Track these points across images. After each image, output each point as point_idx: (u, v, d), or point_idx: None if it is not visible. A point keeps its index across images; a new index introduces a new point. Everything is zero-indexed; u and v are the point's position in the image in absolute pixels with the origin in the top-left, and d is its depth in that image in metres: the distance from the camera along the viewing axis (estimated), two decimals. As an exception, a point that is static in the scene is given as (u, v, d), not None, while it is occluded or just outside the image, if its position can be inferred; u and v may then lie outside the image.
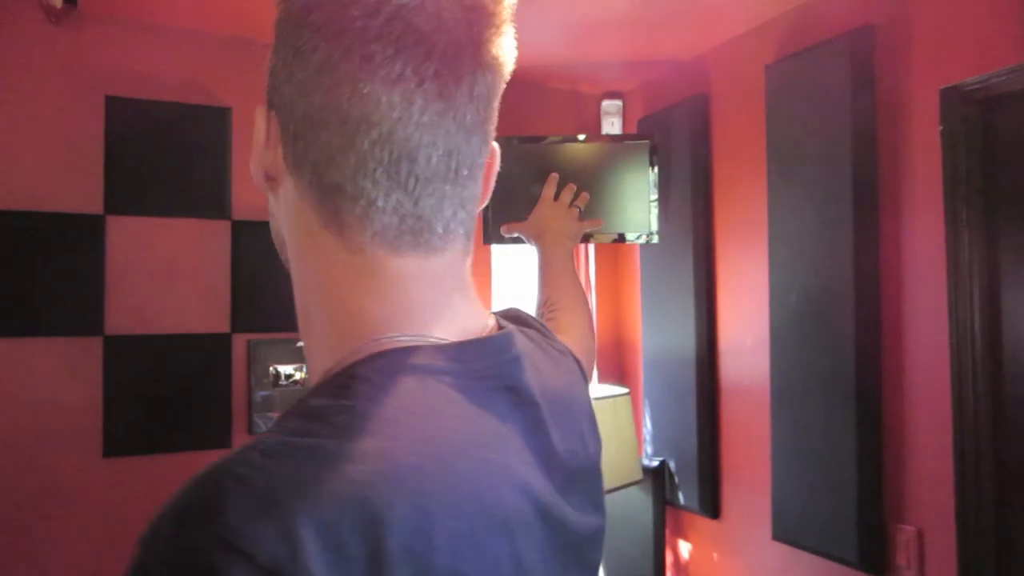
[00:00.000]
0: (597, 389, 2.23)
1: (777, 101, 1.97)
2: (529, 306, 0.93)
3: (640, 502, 2.31)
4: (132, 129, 2.07)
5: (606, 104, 2.63)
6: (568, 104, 2.68)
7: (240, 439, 2.13)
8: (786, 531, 1.91)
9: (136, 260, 2.05)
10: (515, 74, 0.58)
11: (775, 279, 1.96)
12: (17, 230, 1.93)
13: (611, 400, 2.04)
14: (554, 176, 1.47)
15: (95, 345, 2.00)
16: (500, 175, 0.64)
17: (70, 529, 1.94)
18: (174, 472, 2.04)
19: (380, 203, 0.49)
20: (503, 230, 1.42)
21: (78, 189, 2.00)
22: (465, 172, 0.51)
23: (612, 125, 2.63)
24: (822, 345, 1.80)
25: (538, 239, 1.28)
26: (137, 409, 2.03)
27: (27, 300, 1.94)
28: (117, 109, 2.05)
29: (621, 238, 2.35)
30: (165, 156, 2.10)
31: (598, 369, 2.64)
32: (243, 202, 2.18)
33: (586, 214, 1.66)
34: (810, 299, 1.85)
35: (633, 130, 2.60)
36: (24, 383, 1.92)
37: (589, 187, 2.36)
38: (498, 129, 0.58)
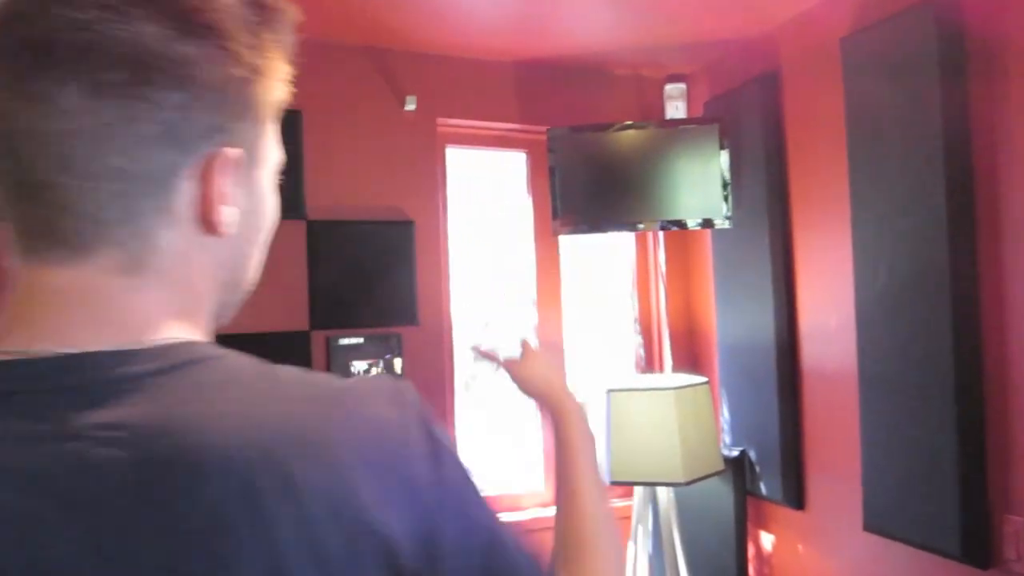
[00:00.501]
0: (673, 378, 2.19)
1: (855, 75, 1.89)
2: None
3: (721, 493, 2.27)
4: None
5: (669, 88, 2.57)
6: (629, 90, 2.63)
7: (320, 434, 2.17)
8: (879, 522, 1.84)
9: (216, 262, 2.12)
10: (574, 61, 0.56)
11: (860, 260, 1.89)
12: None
13: (690, 389, 2.00)
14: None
15: (181, 346, 2.07)
16: (563, 167, 0.62)
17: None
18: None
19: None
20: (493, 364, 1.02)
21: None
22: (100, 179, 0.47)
23: (676, 109, 2.58)
24: (915, 328, 1.72)
25: (552, 407, 0.91)
26: (222, 407, 2.09)
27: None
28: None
29: (691, 225, 2.30)
30: (240, 160, 2.15)
31: (672, 358, 2.60)
32: (317, 203, 2.22)
33: (652, 204, 1.61)
34: (900, 280, 1.77)
35: (698, 113, 2.54)
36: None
37: (654, 174, 2.33)
38: (558, 118, 0.57)
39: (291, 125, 2.20)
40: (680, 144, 2.30)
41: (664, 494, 2.09)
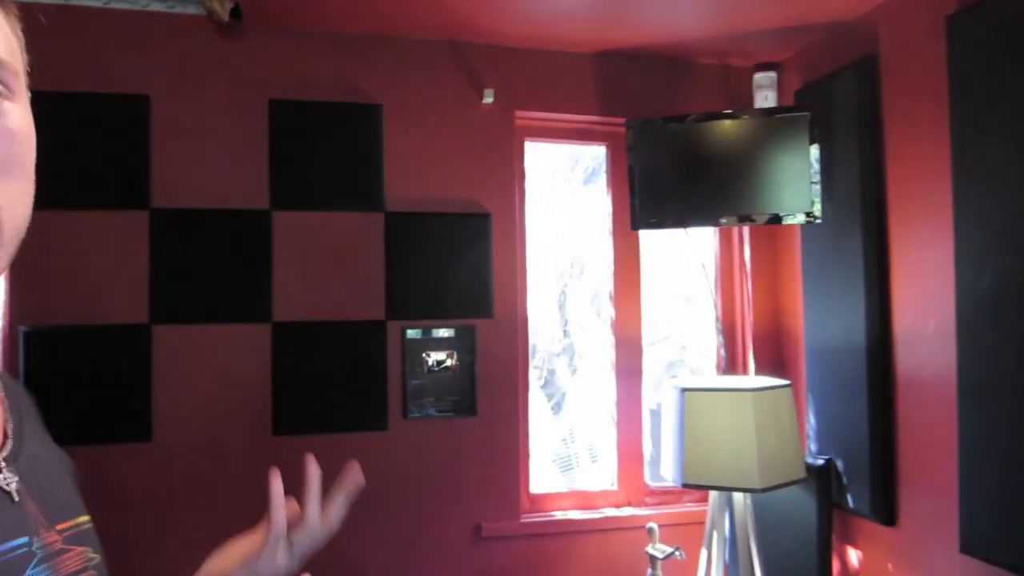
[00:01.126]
0: (755, 380, 2.09)
1: (962, 57, 1.74)
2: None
3: (803, 502, 2.15)
4: (293, 129, 2.20)
5: (759, 77, 2.46)
6: (717, 79, 2.53)
7: (396, 423, 2.21)
8: (977, 543, 1.69)
9: (299, 251, 2.19)
10: (656, 51, 0.53)
11: (962, 260, 1.74)
12: (195, 226, 2.12)
13: (770, 392, 1.90)
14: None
15: (264, 332, 2.16)
16: (643, 159, 0.58)
17: (239, 500, 2.11)
18: (337, 451, 2.16)
19: None
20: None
21: (247, 187, 2.17)
22: None
23: (766, 99, 2.46)
24: (1022, 334, 1.57)
25: None
26: (304, 391, 2.17)
27: (204, 290, 2.12)
28: (279, 111, 2.19)
29: (778, 219, 2.19)
30: (323, 153, 2.22)
31: (754, 360, 2.48)
32: (396, 194, 2.26)
33: (737, 197, 1.54)
34: (1007, 282, 1.61)
35: (789, 103, 2.41)
36: (207, 364, 2.11)
37: (741, 167, 2.23)
38: (640, 110, 0.53)
39: (371, 118, 2.25)
40: (769, 135, 2.19)
41: (741, 500, 2.00)
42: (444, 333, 2.28)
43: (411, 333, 2.26)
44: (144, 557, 2.04)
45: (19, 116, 0.56)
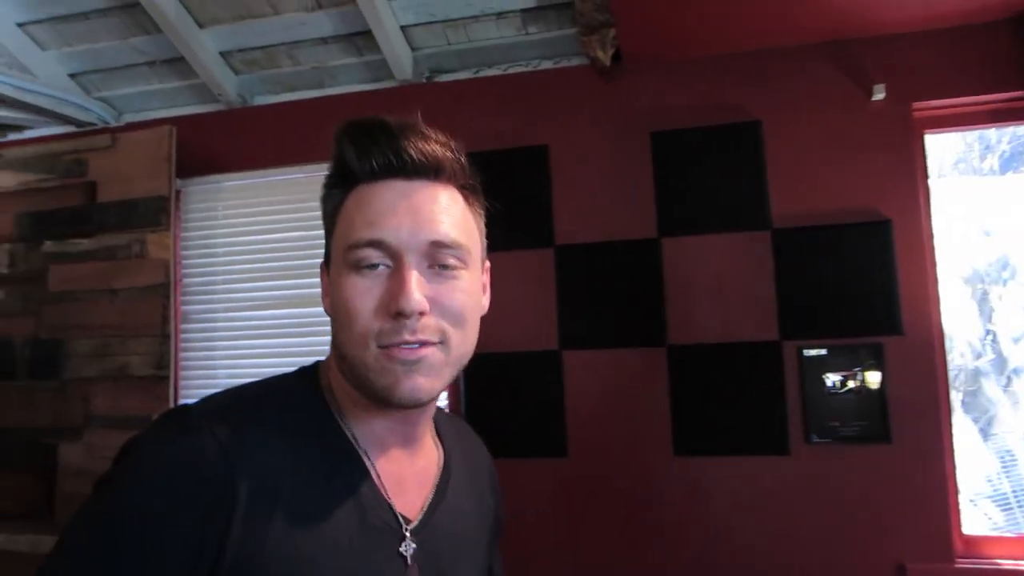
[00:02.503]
0: None
1: None
2: None
3: None
4: (675, 158, 2.27)
5: None
6: None
7: (798, 447, 2.12)
8: None
9: (688, 275, 2.24)
10: None
11: None
12: (593, 259, 2.29)
13: None
14: None
15: (660, 355, 2.24)
16: None
17: (648, 518, 2.20)
18: (737, 474, 2.15)
19: None
20: None
21: (635, 218, 2.28)
22: None
23: None
24: None
25: None
26: (700, 412, 2.20)
27: (604, 318, 2.28)
28: (661, 142, 2.28)
29: None
30: (705, 177, 2.25)
31: None
32: (782, 210, 2.19)
33: None
34: None
35: None
36: (610, 387, 2.26)
37: None
38: None
39: (751, 135, 2.22)
40: None
41: None
42: (845, 353, 2.13)
43: (808, 353, 2.15)
44: (554, 558, 2.24)
45: (467, 281, 0.77)
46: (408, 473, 0.81)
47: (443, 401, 2.37)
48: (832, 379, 2.14)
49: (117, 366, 2.36)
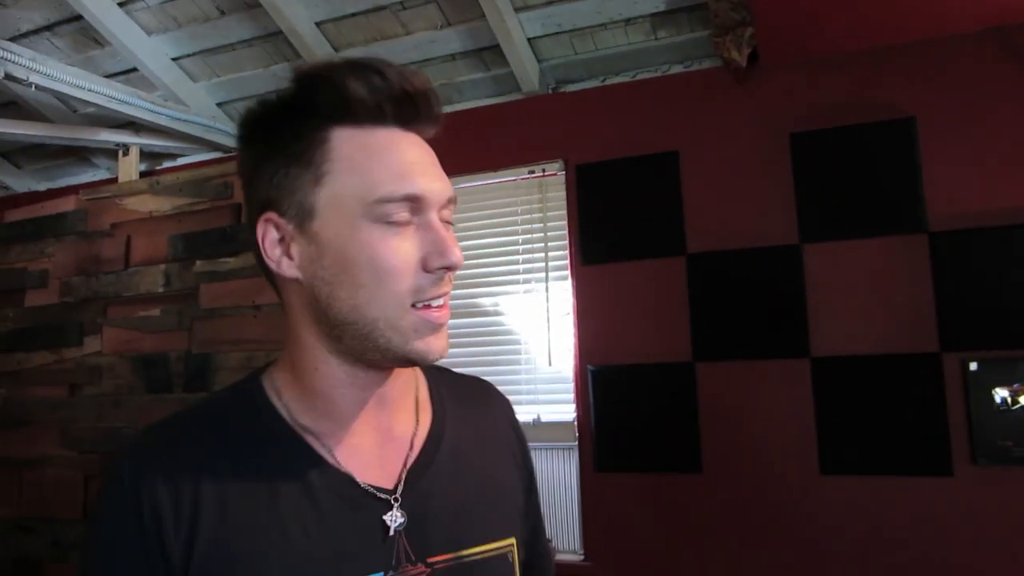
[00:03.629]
0: None
1: None
2: None
3: None
4: (817, 159, 2.16)
5: None
6: None
7: (963, 468, 1.96)
8: None
9: (834, 283, 2.12)
10: None
11: None
12: (729, 268, 2.21)
13: None
14: None
15: (803, 367, 2.12)
16: None
17: (790, 540, 2.09)
18: (891, 496, 2.00)
19: None
20: None
21: (774, 224, 2.18)
22: None
23: None
24: None
25: None
26: (849, 429, 2.07)
27: (741, 328, 2.19)
28: (801, 144, 2.17)
29: None
30: (851, 179, 2.12)
31: None
32: (942, 211, 2.03)
33: None
34: None
35: None
36: (748, 400, 2.17)
37: None
38: None
39: (902, 133, 2.07)
40: None
41: None
42: (1017, 365, 1.94)
43: (973, 366, 1.98)
44: (692, 569, 2.16)
45: None
46: (384, 440, 0.75)
47: (571, 412, 2.35)
48: (1001, 394, 1.96)
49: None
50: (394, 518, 0.71)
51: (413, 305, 0.68)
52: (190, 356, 2.60)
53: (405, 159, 0.69)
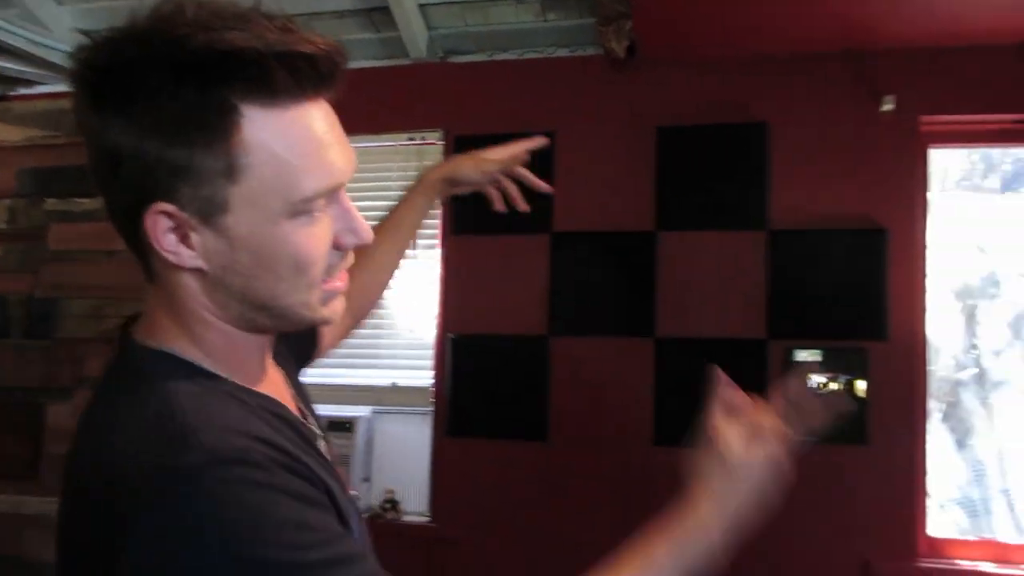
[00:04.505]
0: None
1: None
2: None
3: None
4: (679, 154, 2.30)
5: None
6: None
7: (777, 444, 2.17)
8: None
9: (682, 270, 2.28)
10: None
11: None
12: (589, 247, 2.33)
13: None
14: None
15: (648, 346, 2.28)
16: None
17: (626, 506, 2.25)
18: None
19: None
20: None
21: (635, 209, 2.31)
22: None
23: None
24: None
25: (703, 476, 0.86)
26: (683, 404, 2.24)
27: (595, 305, 2.32)
28: (667, 138, 2.30)
29: None
30: (707, 175, 2.28)
31: None
32: (781, 212, 2.22)
33: None
34: None
35: None
36: (596, 375, 2.30)
37: None
38: None
39: (756, 138, 2.25)
40: None
41: None
42: (830, 355, 2.18)
43: (794, 352, 2.20)
44: (533, 532, 2.30)
45: None
46: (280, 386, 0.77)
47: (429, 379, 2.41)
48: (816, 380, 2.19)
49: (111, 328, 2.39)
50: (322, 447, 0.75)
51: (324, 281, 0.67)
52: (33, 300, 2.46)
53: (323, 140, 0.63)
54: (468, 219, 2.39)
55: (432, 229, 2.44)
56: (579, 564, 0.77)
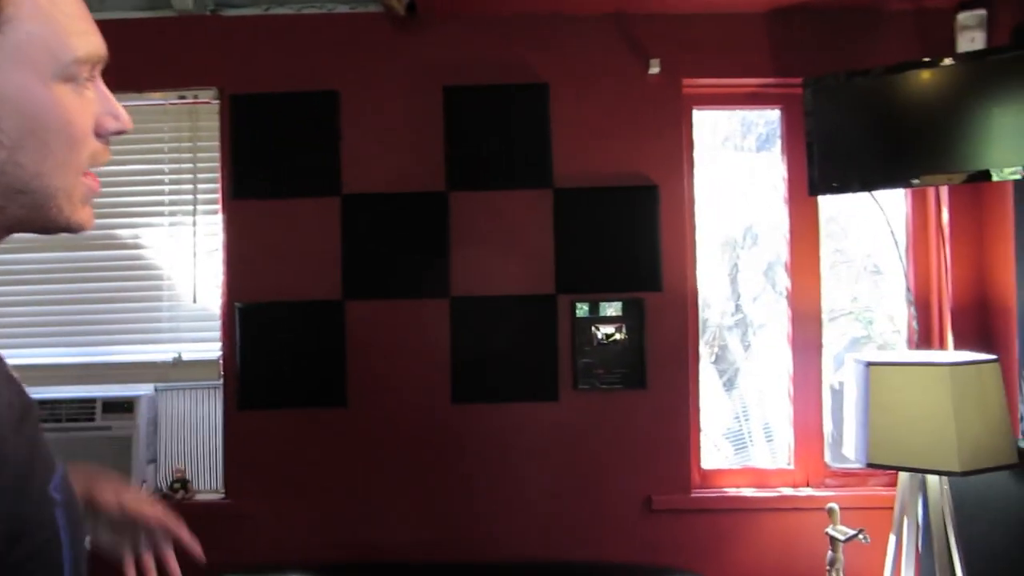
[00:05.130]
0: (954, 355, 1.91)
1: None
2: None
3: (1015, 491, 1.94)
4: (466, 113, 2.31)
5: (963, 17, 2.20)
6: (908, 25, 2.30)
7: (566, 394, 2.28)
8: None
9: (474, 230, 2.30)
10: (836, 1, 0.51)
11: None
12: (381, 209, 2.30)
13: (974, 367, 1.73)
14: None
15: (444, 307, 2.30)
16: (823, 119, 0.55)
17: (429, 465, 2.28)
18: (510, 420, 2.27)
19: None
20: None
21: (425, 171, 2.31)
22: None
23: (972, 41, 2.20)
24: None
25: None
26: (478, 363, 2.29)
27: (390, 268, 2.30)
28: (453, 97, 2.30)
29: (987, 176, 1.96)
30: (494, 134, 2.31)
31: (953, 334, 2.26)
32: (563, 171, 2.30)
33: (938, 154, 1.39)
34: None
35: (1003, 43, 2.14)
36: (394, 337, 2.29)
37: (940, 120, 2.02)
38: (818, 67, 0.52)
39: (539, 97, 2.30)
40: (977, 81, 1.96)
41: (936, 484, 1.85)
42: (613, 307, 2.30)
43: (580, 307, 2.30)
44: (335, 500, 2.27)
45: None
46: None
47: (217, 351, 2.29)
48: (602, 331, 2.31)
49: None
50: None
51: (83, 173, 0.62)
52: None
53: (81, 12, 0.61)
54: (251, 184, 2.28)
55: (211, 194, 2.31)
56: (383, 527, 0.76)
